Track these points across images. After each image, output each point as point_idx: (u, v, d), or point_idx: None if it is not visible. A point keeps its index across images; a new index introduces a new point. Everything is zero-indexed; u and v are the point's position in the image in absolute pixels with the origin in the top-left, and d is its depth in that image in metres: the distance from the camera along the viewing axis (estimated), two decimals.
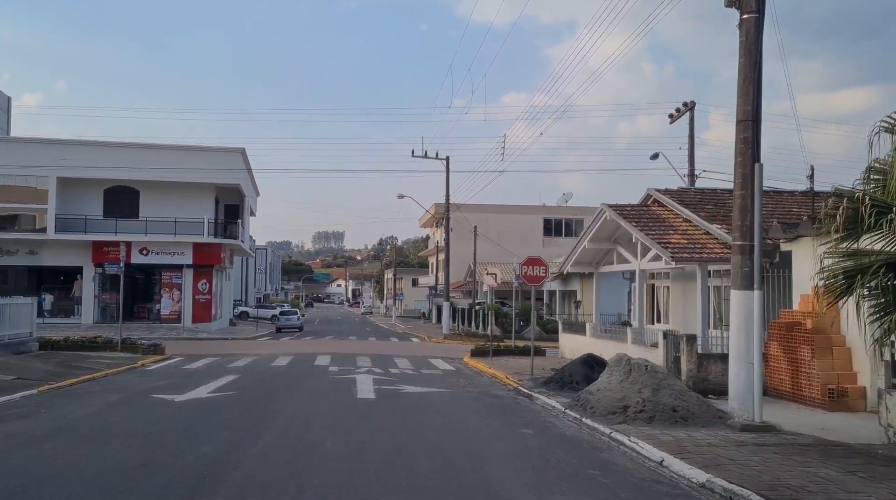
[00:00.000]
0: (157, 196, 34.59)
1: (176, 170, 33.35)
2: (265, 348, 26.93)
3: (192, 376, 16.07)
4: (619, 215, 18.17)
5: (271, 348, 26.88)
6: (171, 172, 33.46)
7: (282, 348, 26.67)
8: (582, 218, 67.88)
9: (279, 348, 26.76)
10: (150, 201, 34.58)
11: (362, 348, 27.59)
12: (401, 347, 29.24)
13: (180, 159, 33.70)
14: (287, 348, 26.77)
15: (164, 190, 34.54)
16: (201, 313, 35.11)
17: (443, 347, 30.52)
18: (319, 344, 29.66)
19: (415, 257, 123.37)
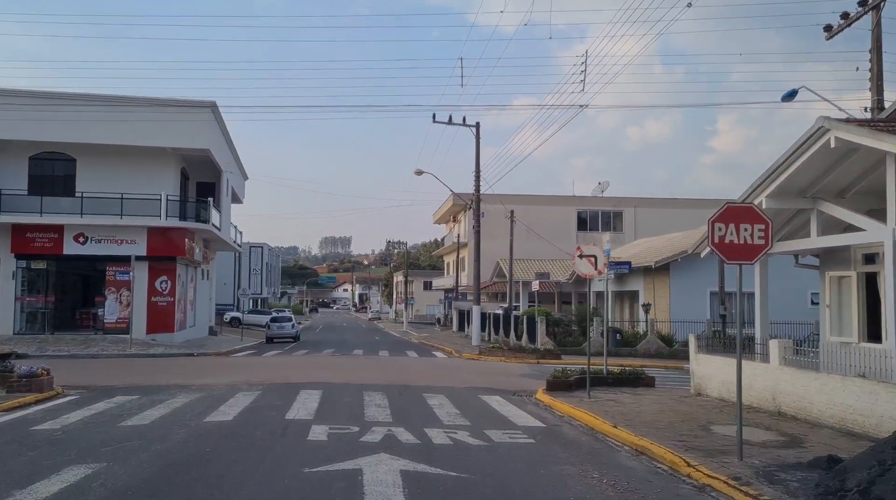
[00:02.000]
0: (101, 166, 26.25)
1: (125, 131, 25.04)
2: (232, 372, 18.46)
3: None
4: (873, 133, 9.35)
5: (240, 372, 18.41)
6: (118, 133, 25.15)
7: (255, 372, 18.19)
8: (621, 210, 59.43)
9: (251, 372, 18.28)
10: (91, 173, 26.22)
11: (372, 370, 19.12)
12: (427, 369, 20.71)
13: (131, 117, 25.39)
14: (263, 372, 18.29)
15: (109, 157, 26.21)
16: (160, 321, 26.73)
17: (484, 367, 21.97)
18: (312, 364, 21.21)
19: (426, 260, 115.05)
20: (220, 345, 30.48)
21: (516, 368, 21.95)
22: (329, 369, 18.84)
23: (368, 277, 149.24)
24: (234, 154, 35.38)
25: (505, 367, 22.23)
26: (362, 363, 21.80)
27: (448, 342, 35.51)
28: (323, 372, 17.93)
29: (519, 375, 19.35)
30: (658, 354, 26.40)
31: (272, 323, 38.51)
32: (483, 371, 20.10)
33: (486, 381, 16.92)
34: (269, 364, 20.72)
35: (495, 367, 22.17)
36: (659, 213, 58.31)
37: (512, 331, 31.19)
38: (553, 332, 26.98)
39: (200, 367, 19.89)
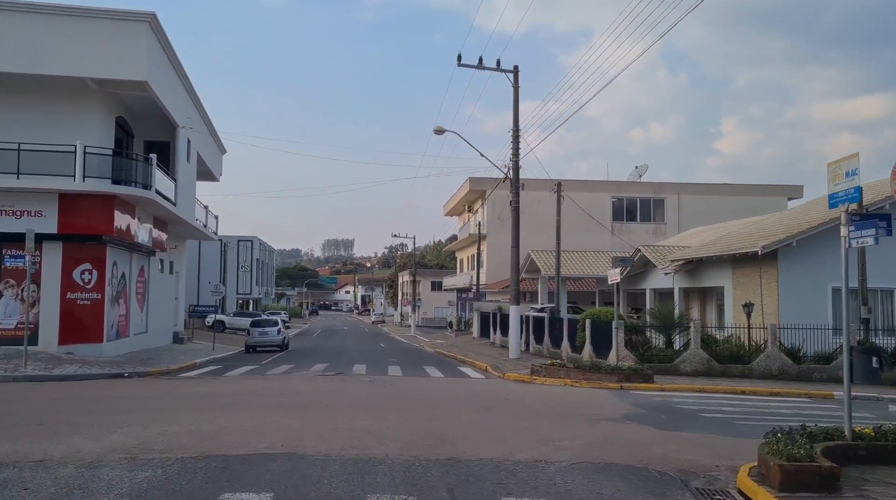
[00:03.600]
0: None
1: (23, 52, 17.37)
2: (140, 417, 10.78)
3: None
4: None
5: (153, 418, 10.71)
6: (12, 56, 17.46)
7: (177, 420, 10.43)
8: (662, 197, 51.54)
9: (171, 420, 10.52)
10: None
11: (380, 413, 11.43)
12: (467, 405, 12.92)
13: (35, 33, 17.69)
14: (191, 419, 10.55)
15: (3, 93, 18.52)
16: (80, 327, 19.09)
17: (552, 399, 14.21)
18: (287, 397, 13.52)
19: (433, 259, 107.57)
20: (176, 358, 22.81)
21: (602, 398, 14.28)
22: (308, 413, 11.14)
23: (371, 278, 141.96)
24: (201, 112, 27.70)
25: (583, 397, 14.54)
26: (364, 395, 14.04)
27: (473, 352, 27.78)
28: (296, 420, 10.23)
29: (622, 416, 11.73)
30: (782, 374, 18.72)
31: (253, 328, 30.83)
32: (560, 410, 12.39)
33: (588, 437, 9.24)
34: (217, 398, 12.97)
35: (568, 397, 14.45)
36: (705, 201, 50.56)
37: (564, 339, 23.41)
38: (631, 341, 19.24)
39: (104, 403, 12.17)
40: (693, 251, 27.23)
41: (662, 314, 20.26)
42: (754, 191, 51.85)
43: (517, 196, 24.64)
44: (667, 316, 20.21)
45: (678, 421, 11.42)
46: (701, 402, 14.40)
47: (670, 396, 15.37)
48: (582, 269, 38.10)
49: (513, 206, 24.74)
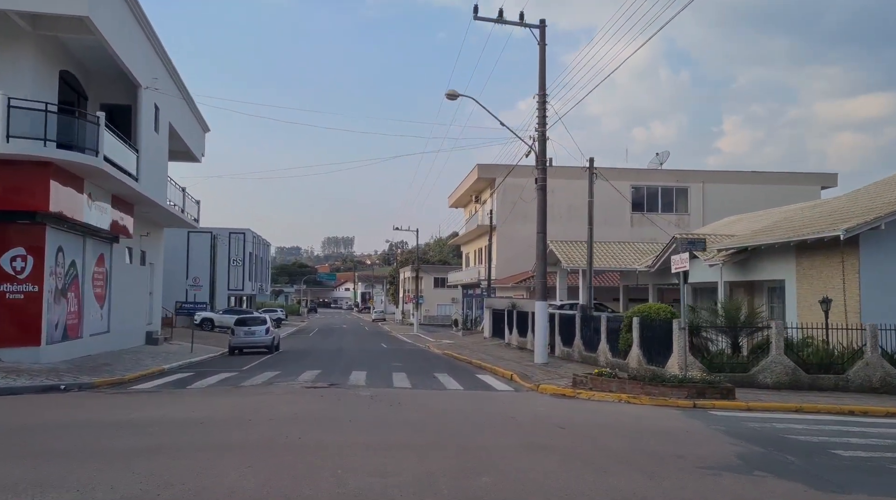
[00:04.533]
0: None
1: None
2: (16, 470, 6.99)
3: None
4: None
5: (47, 476, 6.92)
6: None
7: (47, 487, 6.65)
8: (686, 186, 47.73)
9: (41, 486, 6.75)
10: None
11: (385, 456, 7.77)
12: (516, 443, 9.12)
13: None
14: (77, 481, 6.79)
15: None
16: (11, 326, 15.40)
17: (613, 423, 10.46)
18: (254, 425, 9.82)
19: (436, 255, 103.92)
20: (140, 364, 19.08)
21: (681, 424, 10.62)
22: (277, 460, 7.39)
23: (372, 275, 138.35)
24: (176, 80, 23.91)
25: (656, 422, 10.82)
26: (363, 422, 10.26)
27: (490, 356, 24.05)
28: (254, 478, 6.49)
29: (737, 457, 8.16)
30: (885, 386, 15.00)
31: (238, 327, 27.12)
32: (641, 447, 8.67)
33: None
34: (151, 431, 9.17)
35: (637, 423, 10.72)
36: (732, 190, 46.83)
37: (602, 341, 19.65)
38: (693, 345, 15.44)
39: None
40: (745, 239, 23.45)
41: (728, 312, 16.47)
42: (785, 179, 48.09)
43: (544, 172, 20.89)
44: (734, 314, 16.43)
45: (825, 469, 7.71)
46: (815, 428, 10.70)
47: (766, 418, 11.65)
48: (604, 261, 34.32)
49: (538, 184, 20.99)
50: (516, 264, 44.99)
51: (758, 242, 21.55)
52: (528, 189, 43.46)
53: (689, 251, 14.10)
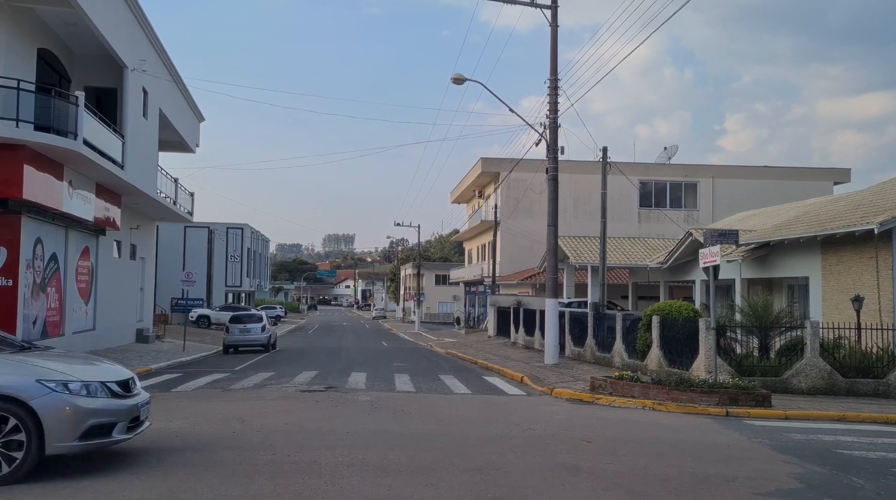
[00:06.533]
0: None
1: None
2: None
3: None
4: None
5: None
6: None
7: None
8: (695, 181, 46.48)
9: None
10: None
11: (387, 480, 6.63)
12: (539, 462, 7.94)
13: None
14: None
15: None
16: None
17: (639, 433, 9.31)
18: (235, 439, 8.69)
19: (437, 252, 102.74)
20: (128, 363, 17.83)
21: (717, 436, 9.50)
22: (255, 488, 6.21)
23: (372, 273, 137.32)
24: (168, 64, 22.73)
25: (688, 435, 9.69)
26: (361, 435, 9.09)
27: (496, 356, 22.89)
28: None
29: (796, 480, 7.03)
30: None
31: (233, 325, 25.98)
32: (678, 465, 7.55)
33: None
34: (125, 444, 8.03)
35: (667, 435, 9.58)
36: (742, 185, 45.64)
37: (618, 341, 18.48)
38: (719, 346, 14.26)
39: None
40: (766, 234, 22.29)
41: (756, 310, 15.29)
42: (796, 175, 46.89)
43: (555, 162, 19.69)
44: (762, 312, 15.26)
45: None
46: (867, 441, 9.56)
47: (809, 429, 10.50)
48: (614, 257, 33.15)
49: (550, 174, 19.79)
50: (520, 261, 43.83)
51: (781, 236, 20.39)
52: (534, 183, 42.27)
53: (720, 244, 12.90)
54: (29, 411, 5.99)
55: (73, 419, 6.13)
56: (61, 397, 6.15)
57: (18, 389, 6.03)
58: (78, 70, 18.81)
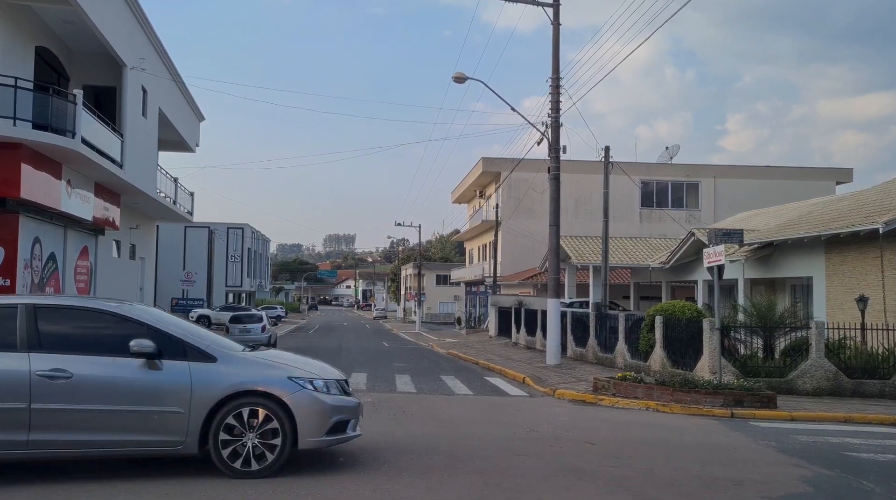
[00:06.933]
0: None
1: None
2: None
3: None
4: None
5: None
6: None
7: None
8: (696, 181, 46.34)
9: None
10: None
11: (388, 485, 6.39)
12: (543, 465, 7.84)
13: None
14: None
15: None
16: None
17: (643, 435, 9.19)
18: None
19: (438, 252, 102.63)
20: None
21: (723, 438, 9.38)
22: None
23: (373, 273, 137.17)
24: (167, 63, 22.62)
25: (694, 436, 9.57)
26: (365, 435, 8.95)
27: (498, 356, 22.76)
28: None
29: (807, 484, 6.83)
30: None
31: (233, 325, 25.90)
32: (685, 469, 7.44)
33: None
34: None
35: (672, 437, 9.46)
36: (744, 185, 45.51)
37: (620, 341, 18.34)
38: (723, 346, 14.11)
39: None
40: (769, 234, 22.16)
41: (761, 310, 15.15)
42: (798, 174, 46.75)
43: (557, 161, 19.56)
44: (766, 313, 15.11)
45: None
46: (875, 444, 9.43)
47: (815, 431, 10.37)
48: (615, 257, 32.99)
49: (552, 173, 19.66)
50: (522, 261, 43.69)
51: (785, 236, 20.26)
52: (535, 182, 42.13)
53: (725, 244, 12.75)
54: (283, 407, 6.22)
55: (322, 415, 6.40)
56: (310, 395, 6.40)
57: (275, 385, 6.27)
58: (77, 69, 18.69)
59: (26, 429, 5.75)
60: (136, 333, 6.15)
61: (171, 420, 6.01)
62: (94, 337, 6.25)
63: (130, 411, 5.95)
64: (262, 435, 6.18)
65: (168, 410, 6.00)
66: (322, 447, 6.69)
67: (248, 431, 6.14)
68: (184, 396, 6.02)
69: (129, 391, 5.98)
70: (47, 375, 5.84)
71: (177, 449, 6.08)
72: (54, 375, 5.85)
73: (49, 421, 5.80)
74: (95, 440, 5.93)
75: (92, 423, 5.89)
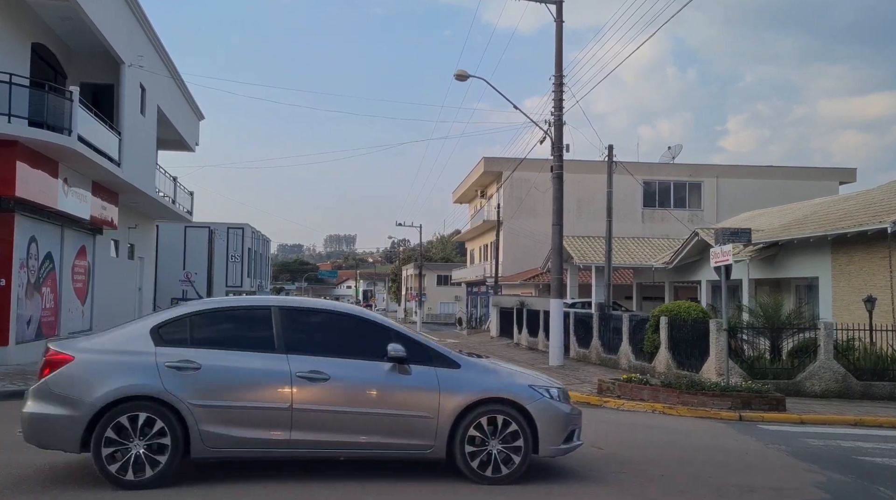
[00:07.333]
0: None
1: None
2: None
3: None
4: None
5: None
6: None
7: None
8: (699, 181, 46.11)
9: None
10: None
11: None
12: None
13: None
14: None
15: None
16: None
17: (649, 438, 8.95)
18: None
19: (439, 253, 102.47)
20: None
21: (732, 441, 9.24)
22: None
23: (374, 273, 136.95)
24: (166, 61, 22.42)
25: (702, 439, 9.37)
26: None
27: (497, 355, 22.47)
28: None
29: (822, 489, 6.53)
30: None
31: None
32: (693, 473, 7.18)
33: None
34: None
35: (679, 439, 9.27)
36: (747, 185, 45.26)
37: (624, 342, 18.12)
38: (730, 347, 13.89)
39: None
40: (775, 233, 21.93)
41: (767, 311, 14.92)
42: (802, 174, 46.53)
43: (560, 160, 19.34)
44: (773, 313, 14.89)
45: None
46: (888, 448, 9.26)
47: (825, 434, 10.15)
48: (618, 258, 32.77)
49: (554, 173, 19.44)
50: (523, 262, 43.47)
51: (791, 235, 20.04)
52: (537, 182, 41.89)
53: (732, 243, 12.52)
54: (525, 414, 6.27)
55: (560, 423, 6.44)
56: (550, 403, 6.43)
57: (517, 393, 6.35)
58: (74, 66, 18.49)
59: (288, 428, 5.94)
60: (384, 337, 6.30)
61: (421, 424, 6.13)
62: (344, 340, 6.41)
63: (383, 413, 6.09)
64: (503, 441, 6.22)
65: (418, 414, 6.13)
66: (559, 455, 6.69)
67: (491, 437, 6.21)
68: (432, 401, 6.14)
69: (381, 394, 6.13)
70: (307, 376, 6.02)
71: (425, 453, 6.20)
72: (313, 376, 6.03)
73: (308, 421, 5.98)
74: (350, 440, 6.08)
75: (347, 424, 6.05)
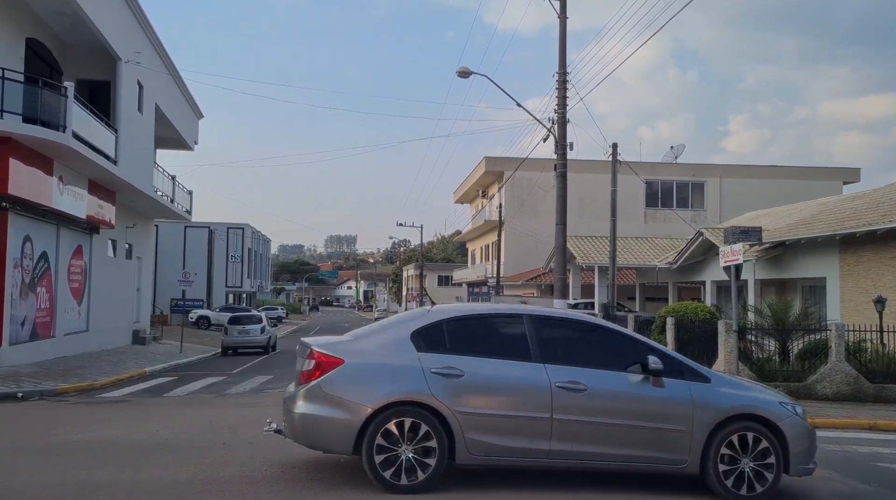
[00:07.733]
0: None
1: None
2: None
3: None
4: None
5: None
6: None
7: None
8: (702, 181, 45.78)
9: None
10: None
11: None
12: None
13: None
14: None
15: None
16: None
17: None
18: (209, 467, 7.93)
19: (439, 253, 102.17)
20: (119, 367, 17.32)
21: None
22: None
23: (374, 273, 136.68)
24: (165, 59, 22.12)
25: None
26: None
27: None
28: None
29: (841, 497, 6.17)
30: None
31: (231, 326, 25.41)
32: None
33: None
34: (97, 461, 7.40)
35: None
36: (750, 184, 44.93)
37: None
38: (740, 350, 13.57)
39: None
40: (781, 233, 21.60)
41: (776, 312, 14.60)
42: (806, 174, 46.22)
43: (564, 158, 19.02)
44: (782, 314, 14.57)
45: None
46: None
47: (841, 439, 9.85)
48: (621, 258, 32.44)
49: (558, 171, 19.12)
50: (525, 262, 43.14)
51: (798, 235, 19.71)
52: (539, 182, 41.59)
53: (742, 242, 12.21)
54: (776, 431, 6.08)
55: (810, 441, 6.27)
56: (799, 421, 6.25)
57: (769, 409, 6.16)
58: (70, 62, 18.19)
59: (548, 438, 5.86)
60: (633, 349, 6.24)
61: (676, 438, 5.99)
62: (593, 350, 6.28)
63: (639, 426, 5.98)
64: (754, 458, 6.01)
65: (674, 428, 5.99)
66: (805, 475, 6.37)
67: (743, 454, 6.02)
68: (687, 414, 6.00)
69: (637, 407, 6.02)
70: (566, 386, 5.92)
71: (679, 468, 6.05)
72: (572, 387, 5.93)
73: (567, 432, 5.89)
74: (606, 452, 5.97)
75: (604, 436, 5.95)
